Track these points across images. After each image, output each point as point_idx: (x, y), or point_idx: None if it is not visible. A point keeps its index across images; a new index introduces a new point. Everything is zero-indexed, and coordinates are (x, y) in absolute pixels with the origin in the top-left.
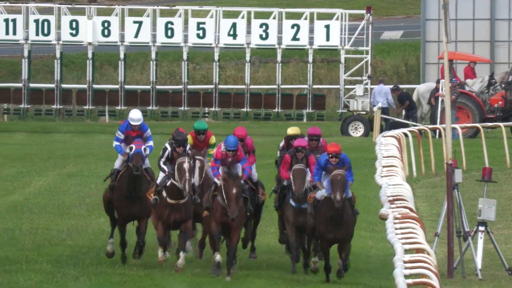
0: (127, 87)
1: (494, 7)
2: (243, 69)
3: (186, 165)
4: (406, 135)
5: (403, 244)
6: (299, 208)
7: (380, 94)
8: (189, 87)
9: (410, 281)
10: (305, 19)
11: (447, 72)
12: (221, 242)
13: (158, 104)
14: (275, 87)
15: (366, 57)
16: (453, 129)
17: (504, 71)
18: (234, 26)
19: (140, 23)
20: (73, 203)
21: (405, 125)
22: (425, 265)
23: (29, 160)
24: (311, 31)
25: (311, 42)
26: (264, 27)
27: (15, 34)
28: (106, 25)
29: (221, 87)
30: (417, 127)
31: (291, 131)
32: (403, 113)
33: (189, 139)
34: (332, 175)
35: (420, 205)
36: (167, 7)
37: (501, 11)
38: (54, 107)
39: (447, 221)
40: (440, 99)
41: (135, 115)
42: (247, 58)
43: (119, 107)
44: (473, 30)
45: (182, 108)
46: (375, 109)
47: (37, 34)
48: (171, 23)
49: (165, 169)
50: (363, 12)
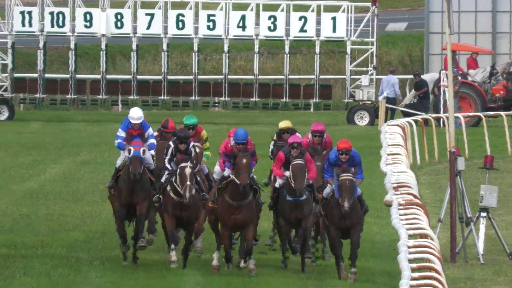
0: (139, 77)
1: None
2: (252, 60)
3: (187, 170)
4: (410, 124)
5: (407, 229)
6: (295, 202)
7: (388, 84)
8: (200, 77)
9: (414, 265)
10: (312, 11)
11: (450, 63)
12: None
13: (169, 94)
14: (283, 77)
15: (371, 48)
16: (456, 118)
17: (505, 61)
18: (243, 18)
19: (152, 15)
20: (87, 190)
21: (414, 114)
22: (429, 250)
23: (44, 148)
24: (318, 23)
25: (318, 33)
26: (272, 19)
27: (31, 26)
28: (119, 17)
29: (230, 77)
30: (421, 116)
31: (283, 124)
32: (415, 100)
33: None
34: (340, 180)
35: (423, 192)
36: (178, 0)
37: (503, 4)
38: (68, 96)
39: (450, 207)
40: (442, 89)
41: (135, 114)
42: (256, 49)
43: (131, 97)
44: (476, 22)
45: (192, 97)
46: (380, 98)
47: (52, 26)
48: (182, 15)
49: (169, 167)
50: (369, 4)
